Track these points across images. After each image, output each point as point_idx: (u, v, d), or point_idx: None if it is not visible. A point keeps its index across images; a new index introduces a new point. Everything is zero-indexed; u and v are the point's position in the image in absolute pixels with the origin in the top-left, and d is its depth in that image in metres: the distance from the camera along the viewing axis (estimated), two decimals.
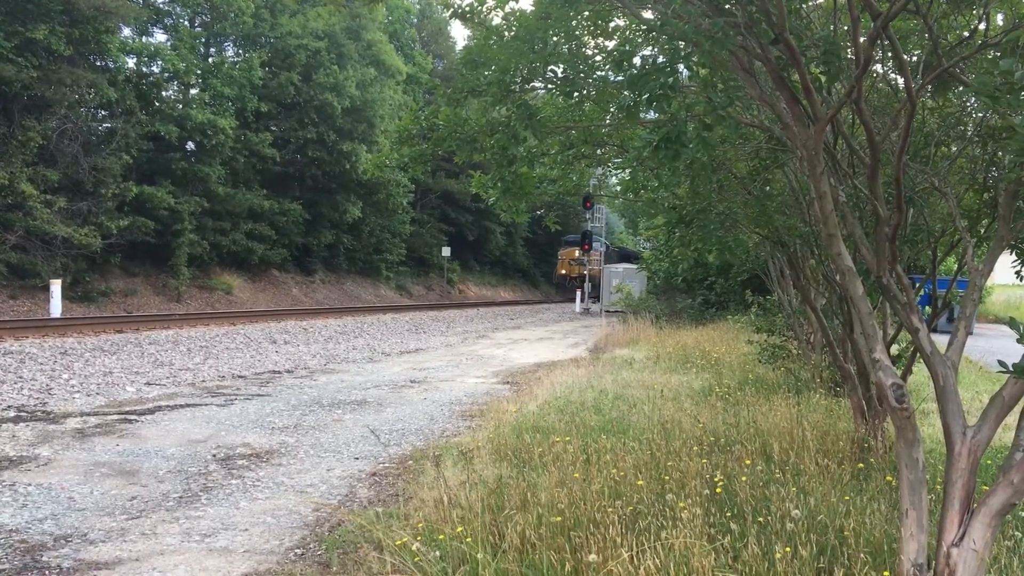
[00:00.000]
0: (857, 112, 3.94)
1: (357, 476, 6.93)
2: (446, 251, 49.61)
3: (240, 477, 6.79)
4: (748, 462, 5.78)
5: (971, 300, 4.05)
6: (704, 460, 5.86)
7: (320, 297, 38.66)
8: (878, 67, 5.56)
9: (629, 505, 4.73)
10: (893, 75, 5.64)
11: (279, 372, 13.90)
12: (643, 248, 41.72)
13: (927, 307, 7.56)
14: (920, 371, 9.05)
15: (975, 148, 5.53)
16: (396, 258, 46.93)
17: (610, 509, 4.52)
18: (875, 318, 4.20)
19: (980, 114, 5.41)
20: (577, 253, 51.69)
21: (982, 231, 5.94)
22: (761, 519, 4.48)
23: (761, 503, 4.84)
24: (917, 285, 7.28)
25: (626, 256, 50.62)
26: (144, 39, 30.66)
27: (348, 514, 5.55)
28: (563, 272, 54.69)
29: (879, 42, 3.96)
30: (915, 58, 5.23)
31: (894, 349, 7.51)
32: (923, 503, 3.65)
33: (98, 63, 26.45)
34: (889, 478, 5.42)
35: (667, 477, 5.35)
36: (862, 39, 3.69)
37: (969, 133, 5.60)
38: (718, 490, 5.05)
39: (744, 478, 5.20)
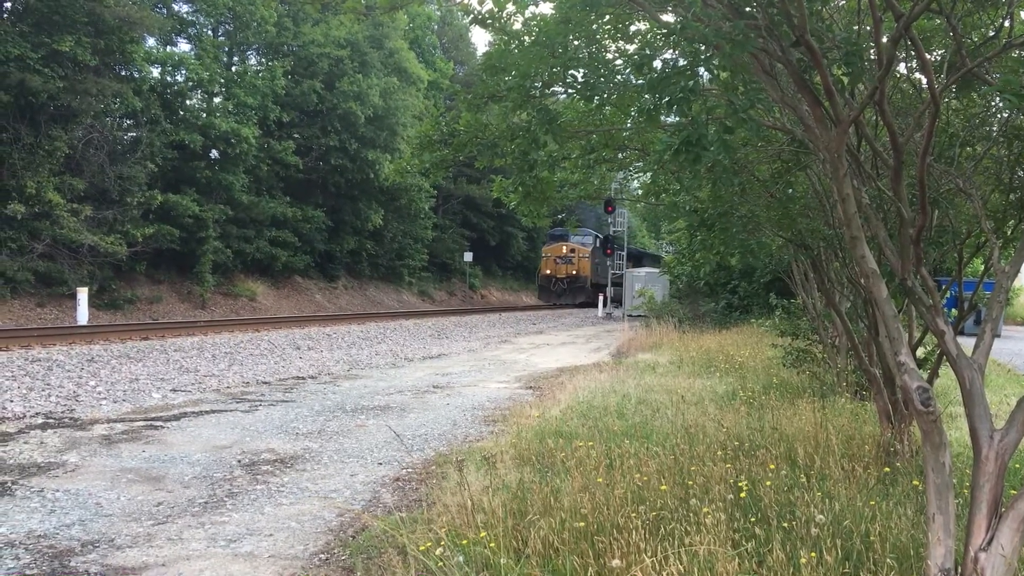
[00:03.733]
0: (880, 113, 3.92)
1: (381, 481, 6.95)
2: (468, 256, 49.53)
3: (265, 482, 6.83)
4: (772, 467, 5.74)
5: (998, 302, 4.01)
6: (728, 465, 5.82)
7: (343, 303, 38.85)
8: (901, 67, 5.52)
9: (653, 510, 4.71)
10: (917, 74, 5.60)
11: (303, 378, 13.97)
12: (666, 251, 41.47)
13: (953, 310, 7.49)
14: (947, 374, 8.95)
15: (1000, 148, 5.48)
16: (418, 264, 47.09)
17: (633, 514, 4.50)
18: (900, 321, 4.17)
19: (1005, 114, 5.36)
20: (564, 250, 47.32)
21: (1009, 232, 5.88)
22: (786, 524, 4.45)
23: (786, 508, 4.80)
24: (943, 287, 7.21)
25: (631, 255, 48.11)
26: (168, 49, 31.04)
27: (372, 519, 5.56)
28: (548, 272, 48.32)
29: (902, 42, 3.94)
30: (938, 57, 5.19)
31: (920, 352, 7.44)
32: (950, 507, 3.61)
33: (123, 73, 26.77)
34: (915, 482, 5.37)
35: (691, 482, 5.33)
36: (884, 39, 3.67)
37: (994, 133, 5.55)
38: (742, 495, 5.02)
39: (768, 483, 5.17)
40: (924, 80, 4.41)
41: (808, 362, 11.50)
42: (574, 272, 47.40)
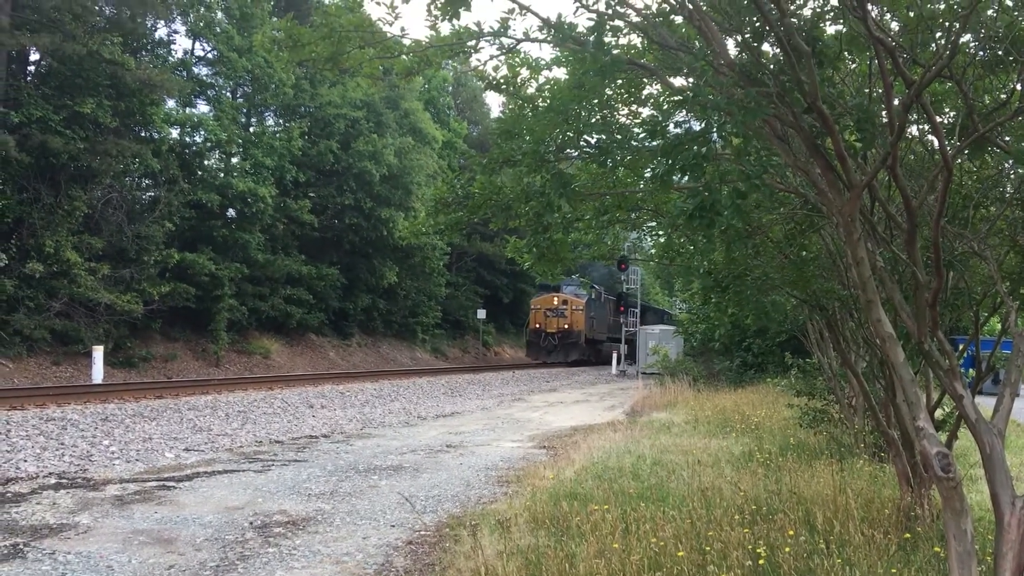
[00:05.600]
0: (893, 178, 3.94)
1: (393, 544, 6.88)
2: (481, 313, 49.32)
3: (276, 545, 6.76)
4: (791, 532, 5.66)
5: (1016, 366, 3.98)
6: (746, 530, 5.74)
7: (357, 360, 38.81)
8: (913, 128, 5.55)
9: None
10: (929, 136, 5.63)
11: (316, 437, 13.91)
12: (679, 309, 41.29)
13: (971, 370, 7.41)
14: (966, 434, 8.84)
15: (1015, 210, 5.48)
16: (432, 321, 47.05)
17: None
18: (918, 383, 4.13)
19: (1019, 173, 5.38)
20: (556, 301, 43.94)
21: None
22: None
23: (805, 575, 4.72)
24: (960, 347, 7.15)
25: (632, 307, 44.86)
26: (188, 110, 31.50)
27: None
28: (537, 326, 44.65)
29: (913, 106, 3.97)
30: (950, 120, 5.22)
31: (938, 413, 7.35)
32: None
33: (143, 134, 27.16)
34: (937, 548, 5.27)
35: (708, 548, 5.25)
36: (896, 102, 3.71)
37: (1008, 195, 5.55)
38: (761, 561, 4.94)
39: (788, 549, 5.09)
40: (936, 142, 4.43)
41: (825, 423, 11.38)
42: (566, 326, 43.50)
